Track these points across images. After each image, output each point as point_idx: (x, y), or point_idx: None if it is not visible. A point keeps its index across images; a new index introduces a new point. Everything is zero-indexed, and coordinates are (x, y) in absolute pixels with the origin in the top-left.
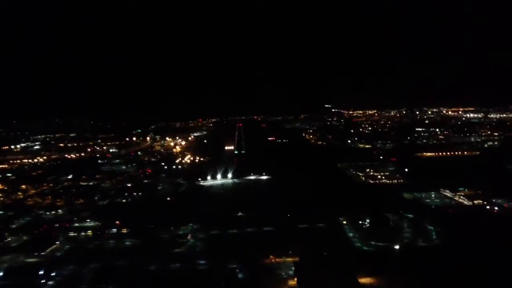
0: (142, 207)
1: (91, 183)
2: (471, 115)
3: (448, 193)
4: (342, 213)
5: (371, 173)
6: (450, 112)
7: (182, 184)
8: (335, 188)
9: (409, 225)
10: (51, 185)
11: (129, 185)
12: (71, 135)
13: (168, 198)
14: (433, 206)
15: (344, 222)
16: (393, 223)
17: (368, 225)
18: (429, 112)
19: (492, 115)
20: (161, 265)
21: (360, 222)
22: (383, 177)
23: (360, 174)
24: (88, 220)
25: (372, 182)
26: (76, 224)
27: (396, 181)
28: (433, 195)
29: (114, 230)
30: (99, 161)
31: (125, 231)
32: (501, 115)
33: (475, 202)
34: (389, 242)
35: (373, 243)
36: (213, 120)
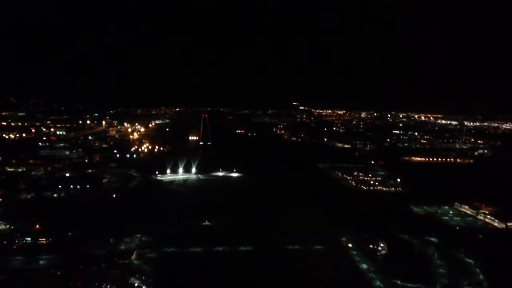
0: (77, 206)
1: (19, 170)
2: (443, 121)
3: (467, 209)
4: (342, 229)
5: (361, 177)
6: (422, 117)
7: (134, 177)
8: (324, 194)
9: (439, 255)
10: None
11: (68, 174)
12: (20, 114)
13: (114, 195)
14: (457, 226)
15: (350, 245)
16: (417, 250)
17: (385, 252)
18: (400, 116)
19: (466, 123)
20: None
21: (371, 246)
22: (376, 183)
23: (348, 177)
24: None
25: (365, 188)
26: None
27: (393, 188)
28: (450, 212)
29: (29, 239)
30: (40, 143)
31: (43, 241)
32: (475, 124)
33: (509, 224)
34: (423, 283)
35: (399, 282)
36: (177, 109)
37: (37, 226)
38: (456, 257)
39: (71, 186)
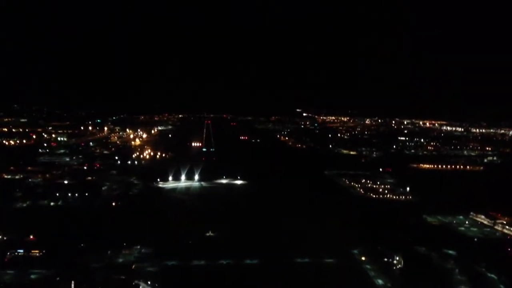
0: (74, 215)
1: (16, 177)
2: (448, 128)
3: (483, 220)
4: (354, 241)
5: (369, 185)
6: (427, 124)
7: (135, 184)
8: (332, 203)
9: (460, 269)
10: None
11: (66, 182)
12: (22, 120)
13: (114, 203)
14: (475, 238)
15: (363, 258)
16: (436, 264)
17: (401, 266)
18: (405, 122)
19: (473, 129)
20: None
21: (386, 259)
22: (385, 191)
23: (356, 185)
24: None
25: (374, 196)
26: None
27: (403, 197)
28: (466, 222)
29: (21, 251)
30: (40, 150)
31: (37, 254)
32: (482, 130)
33: None
34: None
35: None
36: (179, 115)
37: (31, 237)
38: (477, 272)
39: (69, 194)
